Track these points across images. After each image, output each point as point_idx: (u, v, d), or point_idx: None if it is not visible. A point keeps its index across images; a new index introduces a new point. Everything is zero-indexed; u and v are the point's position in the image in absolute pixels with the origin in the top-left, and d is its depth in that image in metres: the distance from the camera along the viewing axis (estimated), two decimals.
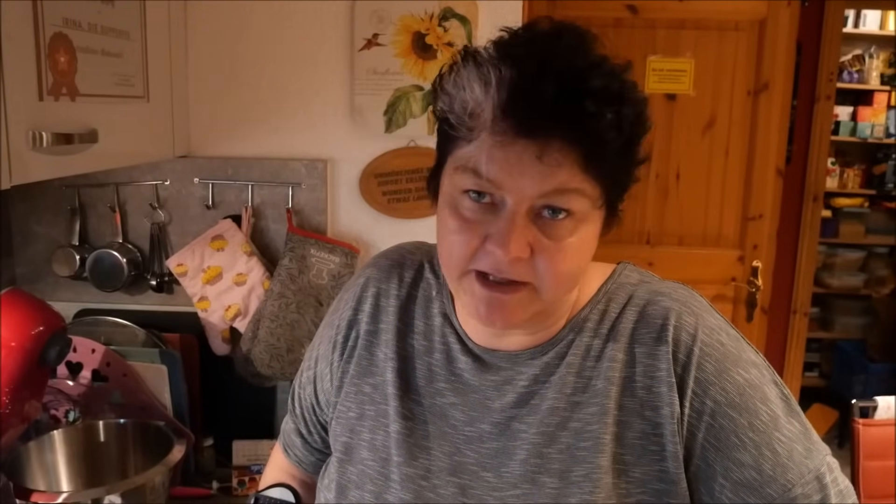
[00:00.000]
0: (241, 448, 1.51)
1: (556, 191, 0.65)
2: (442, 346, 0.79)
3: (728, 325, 0.77)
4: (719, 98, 2.17)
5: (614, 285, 0.79)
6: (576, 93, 0.62)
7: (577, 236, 0.68)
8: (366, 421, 0.80)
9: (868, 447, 1.76)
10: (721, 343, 0.73)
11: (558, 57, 0.64)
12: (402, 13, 1.56)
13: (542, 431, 0.73)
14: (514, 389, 0.75)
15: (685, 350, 0.72)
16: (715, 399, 0.71)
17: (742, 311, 2.29)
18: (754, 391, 0.72)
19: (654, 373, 0.72)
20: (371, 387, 0.81)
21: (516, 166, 0.64)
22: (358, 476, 0.78)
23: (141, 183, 1.63)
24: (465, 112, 0.65)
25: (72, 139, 1.07)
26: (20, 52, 0.98)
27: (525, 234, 0.65)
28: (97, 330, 1.56)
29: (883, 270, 4.21)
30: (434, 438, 0.77)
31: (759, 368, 0.74)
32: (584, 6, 2.12)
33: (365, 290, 0.85)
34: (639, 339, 0.74)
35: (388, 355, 0.81)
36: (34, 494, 1.19)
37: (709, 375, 0.71)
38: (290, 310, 1.55)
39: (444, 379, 0.78)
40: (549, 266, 0.67)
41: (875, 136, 4.18)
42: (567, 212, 0.66)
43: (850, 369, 4.05)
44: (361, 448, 0.79)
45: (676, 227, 2.25)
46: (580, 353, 0.75)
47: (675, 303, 0.75)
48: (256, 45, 1.61)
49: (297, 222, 1.61)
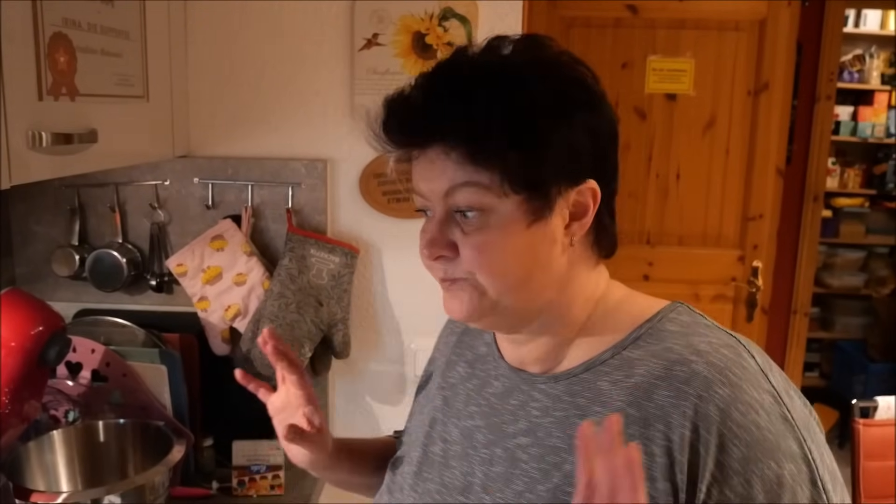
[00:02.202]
0: (241, 448, 1.51)
1: (453, 188, 0.68)
2: (482, 372, 0.84)
3: (776, 398, 0.66)
4: (719, 98, 2.17)
5: (650, 329, 0.72)
6: (441, 99, 0.67)
7: (493, 229, 0.68)
8: (413, 441, 0.88)
9: (868, 447, 1.76)
10: (757, 426, 0.63)
11: (444, 68, 0.71)
12: (402, 13, 1.56)
13: (541, 468, 0.73)
14: (527, 417, 0.76)
15: (709, 427, 0.63)
16: (736, 491, 0.62)
17: (742, 311, 2.29)
18: (782, 491, 0.62)
19: (662, 441, 0.65)
20: (425, 413, 0.89)
21: (422, 173, 0.71)
22: (392, 483, 0.87)
23: (141, 183, 1.63)
24: (375, 131, 0.72)
25: (71, 139, 1.07)
26: (20, 52, 0.97)
27: (445, 235, 0.70)
28: (97, 330, 1.56)
29: (883, 270, 4.21)
30: (458, 458, 0.80)
31: (797, 462, 0.64)
32: (584, 6, 2.12)
33: (442, 332, 0.98)
34: (656, 399, 0.67)
35: (440, 385, 0.89)
36: (34, 494, 1.18)
37: (734, 462, 0.63)
38: (290, 310, 1.55)
39: (476, 403, 0.82)
40: (470, 260, 0.70)
41: (875, 136, 4.18)
42: (476, 209, 0.68)
43: (850, 369, 4.05)
44: (404, 463, 0.87)
45: (676, 227, 2.25)
46: (591, 395, 0.72)
47: (710, 368, 0.66)
48: (256, 45, 1.60)
49: (297, 222, 1.61)
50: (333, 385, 1.72)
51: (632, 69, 2.16)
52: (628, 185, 2.24)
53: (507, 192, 0.67)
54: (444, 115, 0.67)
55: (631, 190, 2.24)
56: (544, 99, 0.67)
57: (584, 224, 0.72)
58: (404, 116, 0.69)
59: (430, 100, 0.68)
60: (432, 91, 0.68)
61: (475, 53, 0.71)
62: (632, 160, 2.22)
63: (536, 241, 0.70)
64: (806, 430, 0.66)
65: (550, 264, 0.71)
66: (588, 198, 0.71)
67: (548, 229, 0.70)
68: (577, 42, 2.15)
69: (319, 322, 1.58)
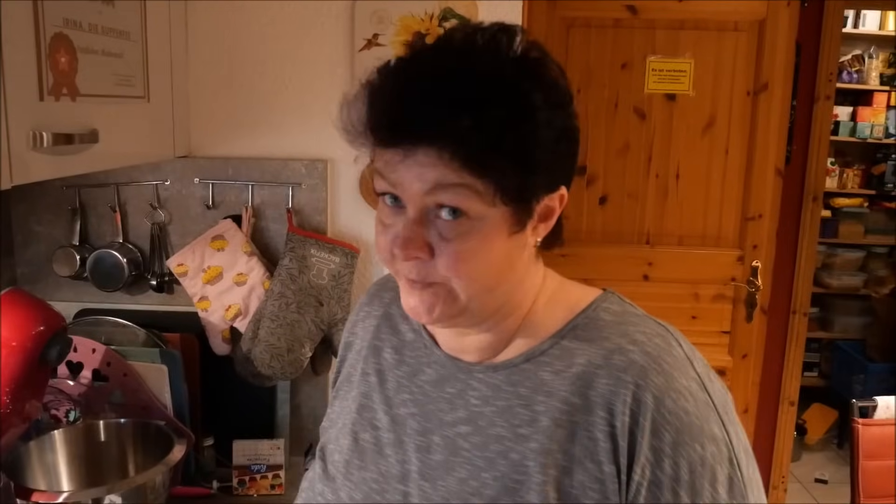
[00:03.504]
0: (241, 448, 1.51)
1: (437, 186, 0.65)
2: (412, 359, 0.83)
3: (700, 384, 0.71)
4: (719, 98, 2.18)
5: (586, 320, 0.75)
6: (431, 100, 0.64)
7: (475, 237, 0.67)
8: (342, 429, 0.86)
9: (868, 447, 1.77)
10: (686, 412, 0.68)
11: (426, 65, 0.67)
12: (402, 13, 1.56)
13: (485, 456, 0.73)
14: (466, 406, 0.77)
15: (645, 413, 0.68)
16: (665, 471, 0.67)
17: (742, 311, 2.29)
18: (704, 470, 0.68)
19: (605, 427, 0.69)
20: (350, 399, 0.87)
21: (401, 167, 0.66)
22: (323, 473, 0.85)
23: (141, 183, 1.63)
24: (353, 124, 0.69)
25: (72, 139, 1.07)
26: (21, 53, 0.98)
27: (421, 236, 0.68)
28: (97, 330, 1.56)
29: (882, 270, 4.21)
30: (392, 446, 0.80)
31: (717, 444, 0.69)
32: (584, 6, 2.12)
33: (356, 315, 0.94)
34: (597, 387, 0.70)
35: (364, 370, 0.87)
36: (35, 494, 1.19)
37: (665, 446, 0.67)
38: (291, 310, 1.55)
39: (409, 390, 0.82)
40: (449, 267, 0.68)
41: (874, 137, 4.19)
42: (461, 212, 0.66)
43: (849, 369, 4.05)
44: (335, 452, 0.85)
45: (676, 227, 2.25)
46: (532, 385, 0.73)
47: (646, 357, 0.70)
48: (256, 45, 1.61)
49: (297, 222, 1.61)
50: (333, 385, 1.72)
51: (631, 69, 2.17)
52: (628, 185, 2.24)
53: (496, 202, 0.66)
54: (444, 120, 0.63)
55: (631, 190, 2.24)
56: (545, 114, 0.66)
57: (549, 226, 0.73)
58: (396, 116, 0.65)
59: (428, 102, 0.64)
60: (429, 91, 0.64)
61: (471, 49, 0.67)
62: (631, 160, 2.22)
63: (513, 248, 0.71)
64: (725, 413, 0.71)
65: (518, 266, 0.73)
66: (556, 201, 0.72)
67: (524, 236, 0.71)
68: (577, 42, 2.15)
69: (320, 322, 1.58)
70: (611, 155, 2.22)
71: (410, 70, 0.68)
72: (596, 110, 2.19)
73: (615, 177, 2.23)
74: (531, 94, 0.66)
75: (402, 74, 0.68)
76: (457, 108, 0.63)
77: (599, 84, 2.18)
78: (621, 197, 2.25)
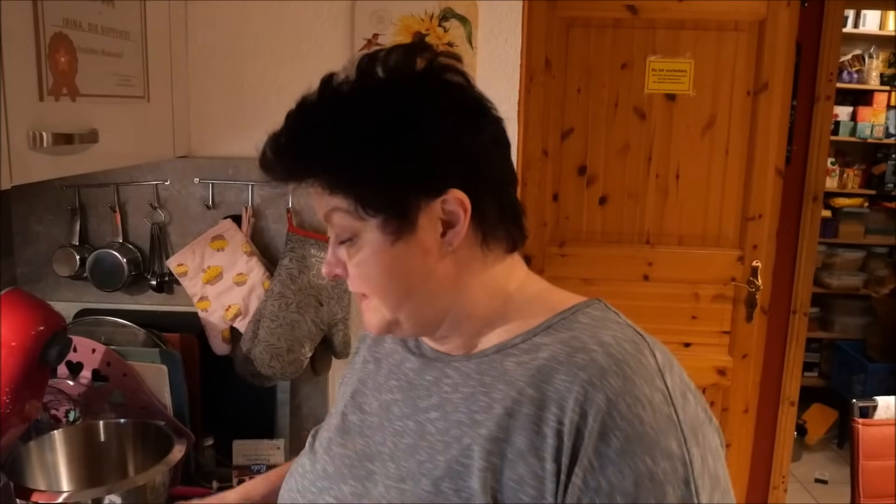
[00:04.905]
0: (241, 448, 1.51)
1: (326, 215, 0.76)
2: (403, 348, 0.88)
3: (666, 398, 0.66)
4: (719, 98, 2.18)
5: (563, 320, 0.75)
6: (294, 136, 0.75)
7: (364, 253, 0.74)
8: (336, 409, 0.91)
9: (868, 447, 1.77)
10: (640, 420, 0.64)
11: (298, 105, 0.79)
12: (402, 13, 1.56)
13: (444, 440, 0.74)
14: (439, 393, 0.78)
15: (595, 414, 0.65)
16: (609, 480, 0.64)
17: (742, 311, 2.29)
18: (653, 486, 0.63)
19: (554, 423, 0.67)
20: (348, 385, 0.93)
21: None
22: (309, 448, 0.90)
23: (141, 183, 1.63)
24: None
25: (72, 139, 1.07)
26: (20, 52, 0.98)
27: (336, 257, 0.77)
28: (97, 330, 1.56)
29: (882, 270, 4.21)
30: (374, 429, 0.83)
31: (673, 461, 0.64)
32: (583, 6, 2.12)
33: None
34: (555, 382, 0.69)
35: (366, 358, 0.93)
36: (34, 494, 1.19)
37: (611, 451, 0.64)
38: (291, 310, 1.55)
39: (396, 377, 0.85)
40: (354, 285, 0.77)
41: (875, 136, 4.18)
42: (348, 233, 0.74)
43: (849, 369, 4.05)
44: (323, 430, 0.91)
45: (676, 227, 2.25)
46: (496, 374, 0.74)
47: (608, 359, 0.68)
48: (256, 45, 1.61)
49: (297, 222, 1.61)
50: (333, 385, 1.72)
51: (631, 69, 2.17)
52: (628, 185, 2.24)
53: (364, 216, 0.72)
54: (298, 153, 0.74)
55: (631, 190, 2.24)
56: (386, 125, 0.71)
57: (459, 232, 0.73)
58: (273, 156, 0.75)
59: (286, 138, 0.75)
60: (288, 130, 0.76)
61: (331, 85, 0.78)
62: (631, 160, 2.22)
63: (406, 256, 0.73)
64: (692, 433, 0.66)
65: (430, 275, 0.75)
66: (457, 207, 0.72)
67: (415, 243, 0.73)
68: (576, 42, 2.15)
69: (320, 322, 1.58)
70: (611, 155, 2.22)
71: (286, 121, 0.78)
72: (596, 110, 2.19)
73: (615, 177, 2.23)
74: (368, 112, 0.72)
75: (282, 125, 0.78)
76: (302, 138, 0.74)
77: (599, 84, 2.18)
78: (621, 197, 2.25)
